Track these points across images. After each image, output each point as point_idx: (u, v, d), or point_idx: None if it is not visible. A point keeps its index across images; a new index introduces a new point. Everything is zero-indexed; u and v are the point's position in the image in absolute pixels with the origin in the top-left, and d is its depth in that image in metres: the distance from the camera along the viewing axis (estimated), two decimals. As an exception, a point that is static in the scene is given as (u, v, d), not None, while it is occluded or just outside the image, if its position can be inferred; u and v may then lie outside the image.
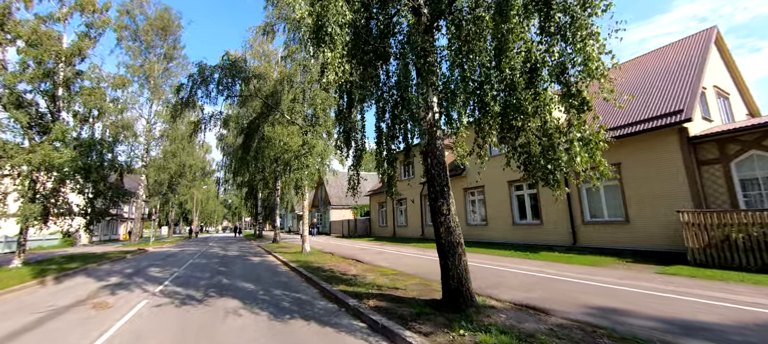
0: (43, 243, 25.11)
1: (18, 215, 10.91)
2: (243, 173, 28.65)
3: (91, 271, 11.17)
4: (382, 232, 24.41)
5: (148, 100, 26.95)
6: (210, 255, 15.53)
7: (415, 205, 20.56)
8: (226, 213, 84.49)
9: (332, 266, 9.55)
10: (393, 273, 7.96)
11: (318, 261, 10.93)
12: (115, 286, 8.10)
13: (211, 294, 6.81)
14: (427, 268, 8.37)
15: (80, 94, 12.98)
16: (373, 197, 26.67)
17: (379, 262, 9.96)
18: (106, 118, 13.88)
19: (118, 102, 14.86)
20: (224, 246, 22.92)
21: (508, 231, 13.91)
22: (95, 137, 13.36)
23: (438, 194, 4.77)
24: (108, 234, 38.00)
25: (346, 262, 10.42)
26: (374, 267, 9.05)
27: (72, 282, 9.12)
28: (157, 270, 10.82)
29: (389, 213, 23.82)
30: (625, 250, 9.71)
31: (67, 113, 13.40)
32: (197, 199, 59.56)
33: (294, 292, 6.84)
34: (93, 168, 12.13)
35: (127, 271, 10.87)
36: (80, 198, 13.17)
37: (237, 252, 16.96)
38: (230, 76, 12.15)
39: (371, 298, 5.48)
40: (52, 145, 12.01)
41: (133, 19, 26.24)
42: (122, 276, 9.87)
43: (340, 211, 33.56)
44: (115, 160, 14.14)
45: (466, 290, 4.49)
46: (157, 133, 27.66)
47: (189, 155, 32.70)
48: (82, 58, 13.62)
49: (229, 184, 34.24)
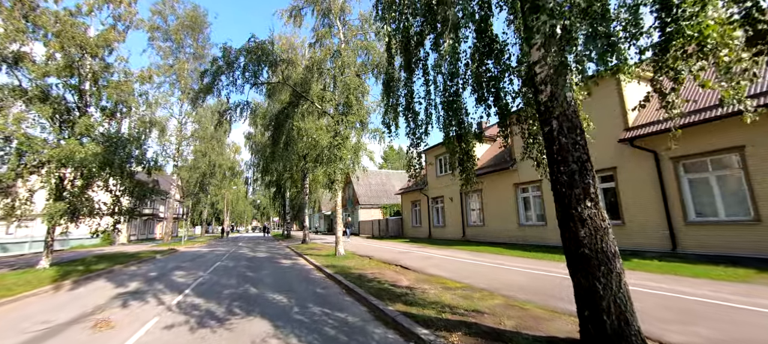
0: (84, 241, 25.83)
1: (43, 214, 10.37)
2: (271, 172, 28.10)
3: (116, 274, 10.41)
4: (417, 233, 22.68)
5: (179, 100, 27.06)
6: (238, 257, 14.59)
7: (455, 204, 18.65)
8: (255, 213, 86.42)
9: (375, 273, 8.01)
10: (458, 286, 6.26)
11: (356, 266, 9.45)
12: (131, 295, 7.03)
13: (235, 311, 5.47)
14: (502, 281, 6.58)
15: (106, 87, 12.42)
16: (404, 196, 25.01)
17: (431, 270, 8.28)
18: (133, 112, 13.26)
19: (147, 96, 14.27)
20: (253, 246, 22.23)
21: (575, 232, 11.72)
22: (122, 132, 12.74)
23: (573, 175, 3.00)
24: (145, 233, 39.18)
25: (391, 269, 8.85)
26: (429, 276, 7.39)
27: (89, 287, 8.24)
28: (181, 274, 9.83)
29: (424, 212, 22.05)
30: (751, 258, 7.37)
31: (95, 109, 12.96)
32: (228, 200, 61.02)
33: (337, 311, 5.34)
34: (118, 164, 11.44)
35: (150, 275, 9.97)
36: (108, 196, 12.62)
37: (266, 254, 15.96)
38: (256, 61, 11.00)
39: (452, 330, 3.82)
40: (78, 140, 11.47)
41: (164, 19, 26.44)
42: (144, 280, 8.91)
43: (369, 211, 32.21)
44: (143, 155, 13.49)
45: (634, 334, 2.70)
46: (188, 131, 27.70)
47: (219, 155, 32.76)
48: (109, 50, 13.12)
49: (258, 184, 34.02)
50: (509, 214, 14.74)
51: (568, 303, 4.61)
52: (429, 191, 21.45)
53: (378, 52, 14.09)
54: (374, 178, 36.36)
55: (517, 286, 6.03)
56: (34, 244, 19.77)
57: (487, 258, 9.96)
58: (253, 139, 28.35)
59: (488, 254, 11.16)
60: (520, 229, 14.12)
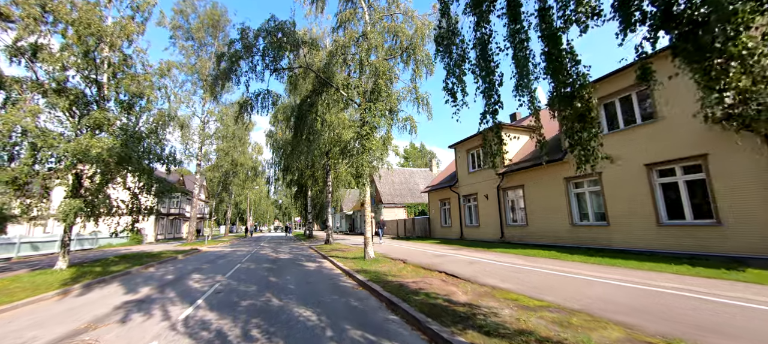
0: (113, 241, 26.18)
1: (58, 213, 9.80)
2: (293, 171, 27.45)
3: (132, 277, 9.66)
4: (446, 233, 21.10)
5: (201, 99, 26.91)
6: (260, 259, 13.69)
7: (491, 201, 16.95)
8: (277, 213, 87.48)
9: (418, 282, 6.65)
10: (538, 304, 4.78)
11: (392, 272, 8.14)
12: (137, 305, 6.07)
13: (251, 333, 4.30)
14: (593, 297, 5.04)
15: (124, 79, 11.83)
16: (432, 194, 23.46)
17: (486, 279, 6.82)
18: (152, 105, 12.63)
19: (166, 90, 13.66)
20: (275, 246, 21.48)
21: (648, 234, 9.82)
22: (140, 127, 12.12)
23: None
24: (172, 232, 39.86)
25: (435, 276, 7.46)
26: (489, 288, 5.95)
27: (98, 293, 7.42)
28: (198, 278, 8.91)
29: (454, 211, 20.42)
30: None
31: (114, 103, 12.43)
32: (251, 200, 61.84)
33: (383, 337, 4.04)
34: (136, 159, 10.75)
35: (167, 278, 9.12)
36: (126, 193, 12.04)
37: (289, 255, 15.00)
38: (277, 44, 9.94)
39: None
40: (95, 134, 10.90)
41: (186, 18, 26.37)
42: (157, 286, 8.03)
43: (392, 210, 30.89)
44: (163, 151, 12.81)
45: None
46: (210, 130, 27.52)
47: (241, 154, 32.57)
48: (128, 41, 12.57)
49: (279, 183, 33.60)
50: (558, 213, 12.94)
51: (731, 339, 3.06)
52: (460, 188, 19.83)
53: (407, 33, 12.76)
54: (397, 176, 35.03)
55: (622, 306, 4.48)
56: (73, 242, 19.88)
57: (545, 264, 8.35)
58: (274, 137, 27.81)
59: (542, 259, 9.52)
60: (572, 230, 12.29)
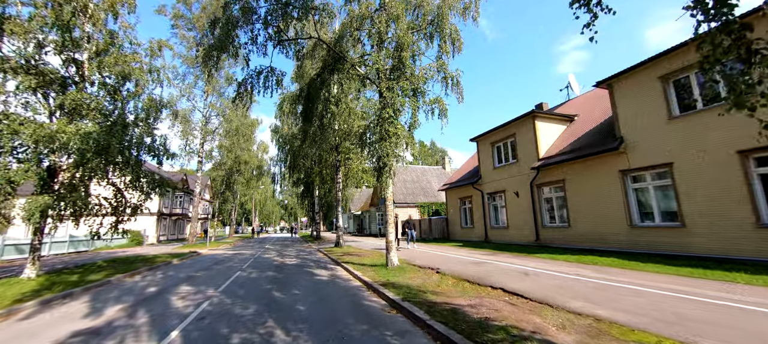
0: (111, 242, 24.76)
1: (23, 211, 8.19)
2: (300, 169, 25.76)
3: (107, 289, 7.99)
4: (468, 235, 19.19)
5: (203, 92, 25.43)
6: (263, 265, 11.98)
7: (522, 199, 15.02)
8: (283, 213, 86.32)
9: (477, 306, 4.83)
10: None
11: (428, 287, 6.33)
12: (86, 340, 4.36)
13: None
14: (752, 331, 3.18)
15: (107, 58, 10.23)
16: (450, 192, 21.57)
17: (568, 300, 4.96)
18: (142, 89, 11.02)
19: (159, 74, 12.02)
20: (281, 249, 19.81)
21: (742, 237, 7.84)
22: (126, 114, 10.48)
23: None
24: (175, 233, 38.56)
25: (493, 295, 5.62)
26: (591, 319, 4.09)
27: (52, 315, 5.74)
28: (185, 292, 7.20)
29: (477, 211, 18.51)
30: None
31: (98, 87, 10.83)
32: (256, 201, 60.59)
33: None
34: (117, 149, 9.10)
35: (147, 292, 7.42)
36: (110, 190, 10.43)
37: (296, 260, 13.28)
38: (282, 7, 8.19)
39: None
40: (72, 119, 9.30)
41: (188, 6, 24.95)
42: (130, 304, 6.33)
43: (404, 210, 29.01)
44: (154, 142, 11.14)
45: None
46: (213, 125, 26.00)
47: (246, 151, 31.04)
48: (114, 15, 10.99)
49: (286, 182, 32.01)
50: (611, 212, 10.99)
51: None
52: (484, 185, 17.93)
53: (431, 6, 10.95)
54: (409, 174, 33.18)
55: None
56: (54, 245, 18.48)
57: (623, 277, 6.45)
58: (280, 132, 26.23)
59: (608, 268, 7.66)
60: (631, 232, 10.33)
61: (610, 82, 11.19)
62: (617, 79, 10.97)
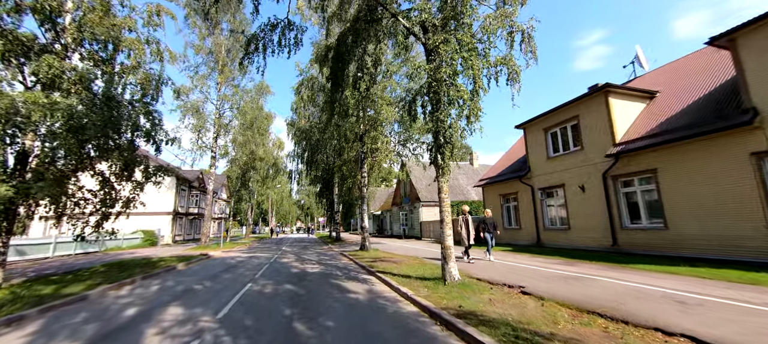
0: (123, 243, 23.47)
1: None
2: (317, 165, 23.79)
3: (72, 312, 5.97)
4: (514, 238, 16.49)
5: (217, 83, 23.88)
6: (281, 273, 9.87)
7: (591, 194, 12.27)
8: (299, 214, 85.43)
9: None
10: None
11: (531, 320, 3.94)
12: None
13: None
14: None
15: (88, 16, 8.35)
16: (489, 188, 18.89)
17: None
18: (134, 58, 9.13)
19: (158, 45, 10.12)
20: (299, 252, 17.77)
21: None
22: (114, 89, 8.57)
23: None
24: (191, 233, 37.49)
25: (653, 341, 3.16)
26: None
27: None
28: (172, 318, 5.08)
29: (525, 209, 15.81)
30: None
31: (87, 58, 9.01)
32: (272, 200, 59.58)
33: None
34: (98, 126, 7.16)
35: (120, 318, 5.34)
36: (95, 181, 8.56)
37: (318, 267, 11.09)
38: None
39: None
40: (48, 94, 7.44)
41: (200, -5, 23.46)
42: (92, 338, 4.25)
43: (432, 209, 26.51)
44: (155, 126, 9.20)
45: None
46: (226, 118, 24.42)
47: (261, 146, 29.38)
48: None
49: (303, 179, 30.15)
50: (734, 209, 8.19)
51: None
52: (534, 179, 15.23)
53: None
54: (435, 171, 30.57)
55: None
56: (60, 246, 17.12)
57: None
58: (297, 125, 24.32)
59: None
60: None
61: (732, 37, 8.38)
62: (744, 32, 8.16)
